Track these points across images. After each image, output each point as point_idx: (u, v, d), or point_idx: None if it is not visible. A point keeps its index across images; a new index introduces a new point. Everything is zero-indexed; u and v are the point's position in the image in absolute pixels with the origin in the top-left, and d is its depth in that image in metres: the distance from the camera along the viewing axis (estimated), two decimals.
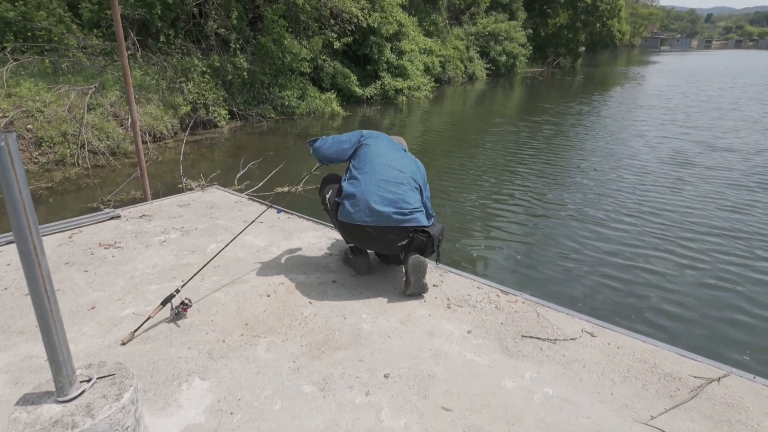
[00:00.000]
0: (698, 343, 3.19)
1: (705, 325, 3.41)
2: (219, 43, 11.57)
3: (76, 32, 9.27)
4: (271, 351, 1.94)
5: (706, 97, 16.63)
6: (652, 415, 1.61)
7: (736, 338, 3.26)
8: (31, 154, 7.19)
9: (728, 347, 3.16)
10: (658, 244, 4.69)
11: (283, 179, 6.60)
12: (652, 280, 4.00)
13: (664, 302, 3.67)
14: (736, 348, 3.16)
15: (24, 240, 1.19)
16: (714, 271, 4.15)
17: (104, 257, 2.81)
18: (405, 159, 2.54)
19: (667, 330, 3.33)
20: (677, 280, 4.01)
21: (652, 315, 3.51)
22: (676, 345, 2.01)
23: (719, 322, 3.44)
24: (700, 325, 3.40)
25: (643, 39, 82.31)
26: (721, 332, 3.33)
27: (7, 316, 2.19)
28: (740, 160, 7.96)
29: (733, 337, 3.27)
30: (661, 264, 4.27)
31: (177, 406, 1.63)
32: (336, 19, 13.64)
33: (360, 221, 2.33)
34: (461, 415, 1.60)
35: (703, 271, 4.17)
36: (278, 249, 2.94)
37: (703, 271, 4.15)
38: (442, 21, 20.98)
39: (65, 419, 1.25)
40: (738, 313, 3.54)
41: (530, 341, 2.02)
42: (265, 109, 11.81)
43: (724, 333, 3.32)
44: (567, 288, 3.88)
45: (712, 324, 3.42)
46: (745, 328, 3.36)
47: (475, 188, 6.56)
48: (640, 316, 3.48)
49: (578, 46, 33.19)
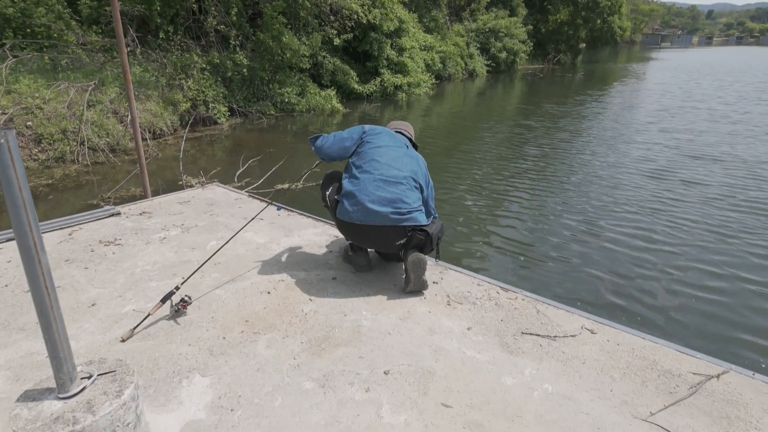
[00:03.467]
0: (698, 340, 3.20)
1: (705, 322, 3.41)
2: (218, 40, 11.54)
3: (75, 29, 9.24)
4: (272, 348, 1.94)
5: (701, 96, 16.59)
6: (652, 411, 1.62)
7: (736, 335, 3.26)
8: (31, 151, 7.18)
9: (728, 344, 3.17)
10: (658, 241, 4.69)
11: (283, 176, 6.60)
12: (652, 277, 4.00)
13: (663, 299, 3.67)
14: (735, 345, 3.16)
15: (24, 237, 1.19)
16: (714, 269, 4.15)
17: (104, 254, 2.81)
18: (406, 157, 2.53)
19: (667, 327, 3.34)
20: (677, 277, 4.01)
21: (652, 312, 3.51)
22: (676, 342, 2.01)
23: (719, 319, 3.45)
24: (700, 322, 3.40)
25: (644, 36, 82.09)
26: (720, 329, 3.33)
27: (8, 312, 2.19)
28: (739, 159, 7.95)
29: (733, 334, 3.27)
30: (661, 261, 4.27)
31: (177, 403, 1.64)
32: (336, 15, 13.60)
33: (358, 220, 2.33)
34: (461, 412, 1.61)
35: (702, 268, 4.17)
36: (278, 246, 2.94)
37: (703, 269, 4.15)
38: (442, 17, 20.93)
39: (66, 416, 1.25)
40: (738, 311, 3.54)
41: (530, 338, 2.02)
42: (265, 106, 11.79)
43: (724, 330, 3.32)
44: (567, 285, 3.88)
45: (712, 321, 3.42)
46: (744, 326, 3.37)
47: (475, 185, 6.55)
48: (640, 314, 3.49)
49: (579, 43, 33.11)
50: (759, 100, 14.90)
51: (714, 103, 14.15)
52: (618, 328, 2.10)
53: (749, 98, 15.25)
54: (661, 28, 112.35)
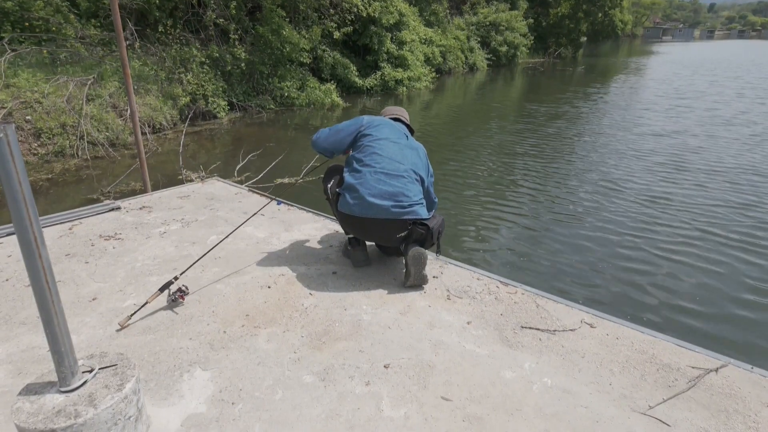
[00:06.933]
0: (696, 333, 3.21)
1: (703, 316, 3.42)
2: (218, 34, 11.48)
3: (73, 22, 9.19)
4: (272, 342, 1.95)
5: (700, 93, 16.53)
6: (650, 404, 1.63)
7: (734, 329, 3.27)
8: (30, 146, 7.17)
9: (726, 338, 3.18)
10: (657, 235, 4.69)
11: (283, 170, 6.59)
12: (650, 271, 4.01)
13: (662, 293, 3.68)
14: (734, 339, 3.17)
15: (25, 231, 1.19)
16: (712, 263, 4.15)
17: (105, 248, 2.81)
18: (407, 149, 2.53)
19: (666, 321, 3.35)
20: (676, 271, 4.02)
21: (651, 306, 3.52)
22: (675, 336, 2.02)
23: (718, 313, 3.46)
24: (699, 316, 3.41)
25: (645, 29, 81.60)
26: (719, 323, 3.34)
27: (9, 307, 2.20)
28: (740, 159, 7.93)
29: (731, 328, 3.28)
30: (660, 255, 4.28)
31: (179, 396, 1.65)
32: (335, 8, 13.52)
33: (359, 213, 2.33)
34: (461, 405, 1.62)
35: (701, 263, 4.17)
36: (279, 240, 2.94)
37: (701, 263, 4.16)
38: (442, 11, 20.80)
39: (68, 409, 1.26)
40: (736, 305, 3.55)
41: (529, 332, 2.03)
42: (265, 100, 11.75)
43: (723, 324, 3.33)
44: (566, 279, 3.89)
45: (711, 315, 3.43)
46: (743, 319, 3.38)
47: (475, 180, 6.55)
48: (639, 307, 3.50)
49: (580, 37, 32.90)
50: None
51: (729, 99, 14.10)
52: (617, 322, 2.11)
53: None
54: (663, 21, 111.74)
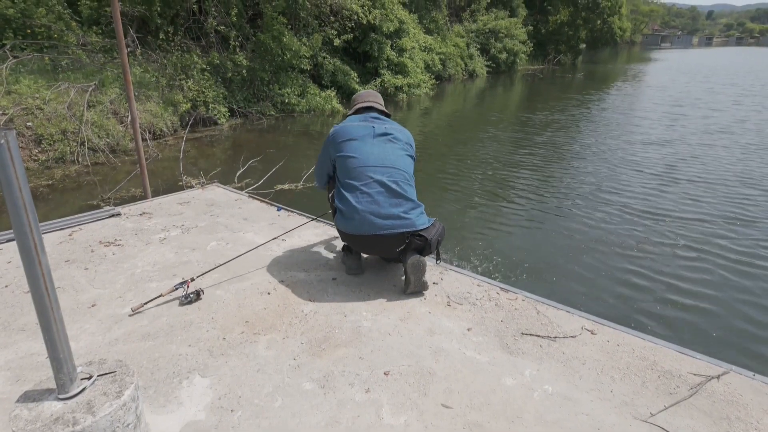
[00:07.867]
0: (698, 340, 3.20)
1: (705, 322, 3.41)
2: (219, 41, 11.54)
3: (75, 29, 9.25)
4: (272, 348, 1.94)
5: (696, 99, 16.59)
6: (652, 412, 1.62)
7: (736, 336, 3.26)
8: (31, 152, 7.18)
9: (728, 345, 3.17)
10: (658, 242, 4.69)
11: (284, 177, 6.60)
12: (651, 277, 4.00)
13: (663, 300, 3.67)
14: (735, 345, 3.16)
15: (24, 237, 1.19)
16: (714, 269, 4.15)
17: (105, 255, 2.81)
18: (382, 144, 2.44)
19: (667, 327, 3.33)
20: (677, 277, 4.01)
21: (652, 313, 3.51)
22: (676, 342, 2.01)
23: (719, 319, 3.44)
24: (700, 323, 3.40)
25: (644, 36, 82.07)
26: (721, 330, 3.33)
27: (8, 313, 2.19)
28: (740, 159, 7.95)
29: (733, 335, 3.27)
30: (661, 262, 4.27)
31: (178, 404, 1.64)
32: (336, 16, 13.60)
33: (355, 231, 2.36)
34: (461, 413, 1.61)
35: (703, 269, 4.17)
36: (279, 247, 2.94)
37: (703, 269, 4.15)
38: (442, 18, 20.93)
39: (66, 416, 1.25)
40: (738, 311, 3.54)
41: (530, 339, 2.02)
42: (265, 106, 11.79)
43: (724, 331, 3.32)
44: (567, 286, 3.88)
45: (712, 322, 3.42)
46: (745, 326, 3.36)
47: (475, 186, 6.55)
48: (640, 314, 3.49)
49: (579, 43, 33.08)
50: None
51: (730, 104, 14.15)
52: (618, 328, 2.10)
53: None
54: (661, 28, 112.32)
